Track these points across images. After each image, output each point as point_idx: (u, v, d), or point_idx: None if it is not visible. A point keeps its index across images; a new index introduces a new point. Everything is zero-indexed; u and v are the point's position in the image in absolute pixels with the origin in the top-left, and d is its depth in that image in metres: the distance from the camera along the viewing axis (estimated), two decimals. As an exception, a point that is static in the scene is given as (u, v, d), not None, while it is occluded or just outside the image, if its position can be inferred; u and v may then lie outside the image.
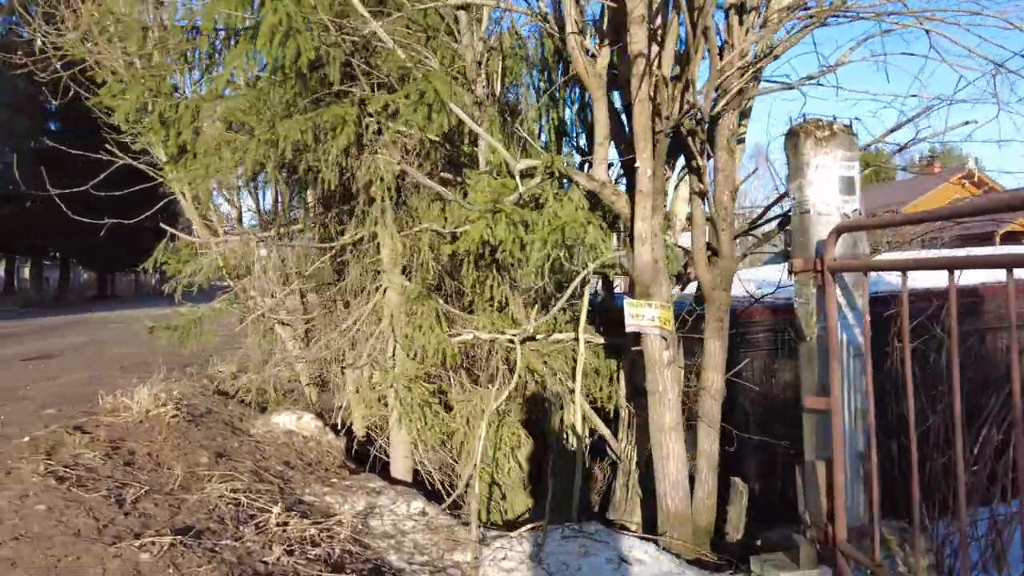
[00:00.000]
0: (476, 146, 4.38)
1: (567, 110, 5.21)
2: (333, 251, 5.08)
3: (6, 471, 3.64)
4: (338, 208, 4.89)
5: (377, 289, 4.97)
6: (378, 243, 5.06)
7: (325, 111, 3.83)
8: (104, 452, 4.11)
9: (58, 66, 5.90)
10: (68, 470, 3.74)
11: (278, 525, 3.44)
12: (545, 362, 4.60)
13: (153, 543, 2.98)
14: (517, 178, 3.77)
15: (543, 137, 5.23)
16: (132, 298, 29.18)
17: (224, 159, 4.02)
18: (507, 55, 4.44)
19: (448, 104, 3.48)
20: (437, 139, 4.40)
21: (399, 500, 4.19)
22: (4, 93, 22.43)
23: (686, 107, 3.43)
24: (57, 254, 26.05)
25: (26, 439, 4.16)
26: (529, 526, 3.78)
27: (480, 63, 4.33)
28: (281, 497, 3.99)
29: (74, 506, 3.33)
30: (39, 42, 6.28)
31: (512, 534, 3.73)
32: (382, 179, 3.79)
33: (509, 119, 4.61)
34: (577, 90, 5.14)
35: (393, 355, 4.97)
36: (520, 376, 4.36)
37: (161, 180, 6.05)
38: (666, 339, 3.89)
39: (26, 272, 30.65)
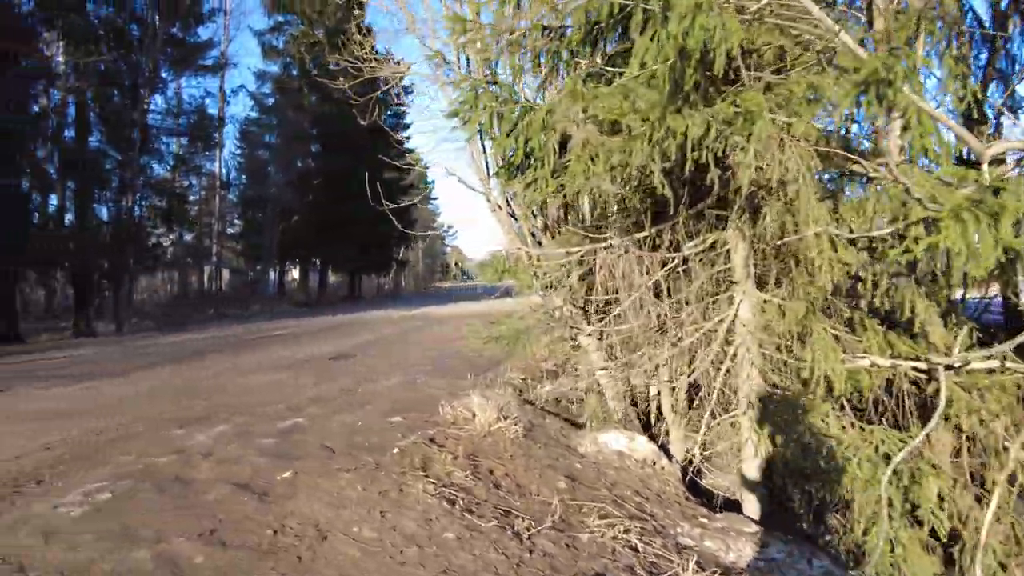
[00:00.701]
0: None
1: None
2: (675, 261, 4.60)
3: (399, 487, 3.65)
4: (685, 213, 4.39)
5: (730, 301, 4.39)
6: (728, 250, 4.48)
7: (726, 103, 3.31)
8: (469, 471, 4.02)
9: (383, 84, 6.22)
10: (451, 491, 3.66)
11: (698, 583, 3.00)
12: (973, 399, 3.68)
13: (587, 596, 2.68)
14: (985, 166, 2.96)
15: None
16: (375, 299, 32.32)
17: (597, 163, 3.69)
18: (922, 18, 3.61)
19: (901, 86, 2.75)
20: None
21: (795, 554, 3.56)
22: (285, 123, 25.88)
23: None
24: (318, 261, 29.61)
25: (395, 451, 4.23)
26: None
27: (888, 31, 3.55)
28: (661, 538, 3.57)
29: (478, 538, 3.18)
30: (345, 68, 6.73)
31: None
32: (797, 178, 3.20)
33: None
34: (984, 56, 4.13)
35: (748, 377, 4.36)
36: (947, 417, 3.50)
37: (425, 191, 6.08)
38: None
39: (289, 276, 35.24)
